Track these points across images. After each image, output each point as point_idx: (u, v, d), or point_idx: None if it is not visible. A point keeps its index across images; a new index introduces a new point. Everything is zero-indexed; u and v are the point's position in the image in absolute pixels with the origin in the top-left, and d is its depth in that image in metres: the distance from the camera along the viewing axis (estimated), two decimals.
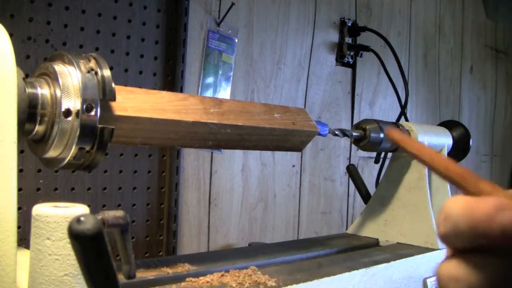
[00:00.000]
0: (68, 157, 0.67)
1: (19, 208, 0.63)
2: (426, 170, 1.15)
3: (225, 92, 1.44)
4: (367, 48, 1.80)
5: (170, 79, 1.29)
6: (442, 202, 1.13)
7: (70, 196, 1.12)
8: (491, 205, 0.29)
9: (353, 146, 1.81)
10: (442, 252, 1.06)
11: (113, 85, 0.67)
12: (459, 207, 0.30)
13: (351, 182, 1.67)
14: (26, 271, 0.62)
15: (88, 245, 0.38)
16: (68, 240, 0.56)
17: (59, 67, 0.66)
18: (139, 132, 0.72)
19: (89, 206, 0.67)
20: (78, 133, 0.64)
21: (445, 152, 1.32)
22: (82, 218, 0.38)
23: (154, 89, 1.11)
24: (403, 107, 1.61)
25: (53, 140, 0.65)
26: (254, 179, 1.55)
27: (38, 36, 1.07)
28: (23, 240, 0.88)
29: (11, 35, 0.62)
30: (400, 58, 1.70)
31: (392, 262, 0.97)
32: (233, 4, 1.40)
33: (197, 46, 1.38)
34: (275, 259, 0.94)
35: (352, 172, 1.36)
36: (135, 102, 0.71)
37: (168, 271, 0.80)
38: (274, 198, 1.60)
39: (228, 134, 0.80)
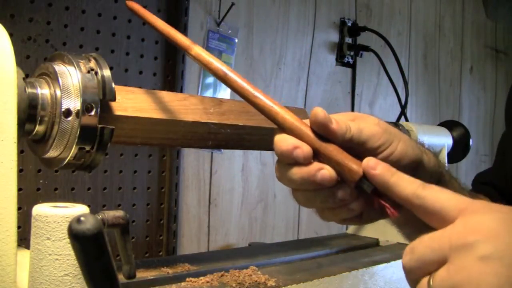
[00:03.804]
0: (68, 157, 0.67)
1: (19, 208, 0.63)
2: None
3: (225, 92, 1.44)
4: (367, 48, 1.80)
5: (170, 79, 1.29)
6: None
7: (70, 196, 1.12)
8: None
9: None
10: None
11: (113, 85, 0.67)
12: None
13: None
14: (26, 271, 0.62)
15: (88, 245, 0.38)
16: (68, 240, 0.56)
17: (59, 67, 0.66)
18: (139, 132, 0.72)
19: (89, 206, 0.67)
20: (78, 133, 0.64)
21: (445, 152, 1.32)
22: (82, 218, 0.38)
23: (154, 89, 1.11)
24: (403, 107, 1.61)
25: (53, 140, 0.65)
26: (254, 179, 1.55)
27: (38, 36, 1.07)
28: (23, 240, 0.88)
29: (11, 35, 0.62)
30: (400, 58, 1.70)
31: (392, 262, 0.97)
32: (233, 4, 1.40)
33: None
34: (275, 259, 0.94)
35: None
36: (135, 102, 0.71)
37: (168, 271, 0.81)
38: (274, 198, 1.60)
39: (228, 134, 0.80)
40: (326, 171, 0.46)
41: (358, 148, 0.48)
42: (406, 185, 0.44)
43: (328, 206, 0.49)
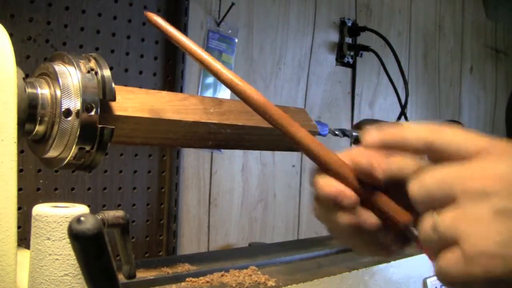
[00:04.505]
0: (68, 157, 0.67)
1: (19, 208, 0.63)
2: None
3: (225, 92, 1.44)
4: (367, 48, 1.80)
5: (170, 79, 1.29)
6: None
7: (70, 196, 1.12)
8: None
9: (353, 146, 1.81)
10: None
11: (113, 85, 0.67)
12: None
13: None
14: (26, 271, 0.62)
15: (88, 245, 0.38)
16: (68, 240, 0.56)
17: (59, 67, 0.66)
18: (139, 132, 0.72)
19: (89, 206, 0.67)
20: (78, 133, 0.64)
21: None
22: (82, 218, 0.38)
23: (154, 89, 1.11)
24: (403, 107, 1.61)
25: (53, 140, 0.65)
26: (254, 179, 1.55)
27: (38, 36, 1.07)
28: (23, 240, 0.88)
29: (11, 35, 0.62)
30: (400, 58, 1.71)
31: (392, 262, 0.97)
32: (233, 4, 1.40)
33: None
34: (275, 259, 0.94)
35: None
36: (135, 102, 0.71)
37: (168, 271, 0.81)
38: (274, 198, 1.60)
39: (228, 134, 0.80)
40: (371, 219, 0.45)
41: (399, 181, 0.46)
42: (415, 135, 0.41)
43: (366, 245, 0.48)
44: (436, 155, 0.40)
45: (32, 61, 1.05)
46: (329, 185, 0.45)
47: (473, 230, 0.35)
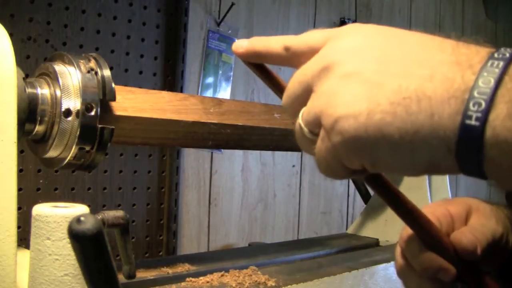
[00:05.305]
0: (68, 157, 0.67)
1: (19, 208, 0.63)
2: None
3: (225, 92, 1.44)
4: None
5: (170, 79, 1.29)
6: None
7: (70, 196, 1.12)
8: None
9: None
10: None
11: (113, 85, 0.67)
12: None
13: (351, 181, 1.67)
14: (26, 271, 0.62)
15: (88, 245, 0.38)
16: (68, 240, 0.56)
17: (59, 67, 0.66)
18: (139, 132, 0.72)
19: (89, 206, 0.67)
20: (78, 133, 0.64)
21: None
22: (82, 218, 0.38)
23: (154, 89, 1.11)
24: None
25: (53, 140, 0.65)
26: (254, 179, 1.55)
27: (38, 36, 1.07)
28: (23, 240, 0.88)
29: (11, 35, 0.62)
30: None
31: (392, 262, 0.97)
32: (233, 4, 1.40)
33: (197, 46, 1.38)
34: (275, 259, 0.94)
35: None
36: (135, 102, 0.71)
37: (168, 271, 0.81)
38: (274, 198, 1.60)
39: (228, 134, 0.80)
40: None
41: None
42: (275, 41, 0.43)
43: None
44: (296, 59, 0.40)
45: (32, 61, 1.05)
46: (431, 259, 0.44)
47: (327, 103, 0.34)
